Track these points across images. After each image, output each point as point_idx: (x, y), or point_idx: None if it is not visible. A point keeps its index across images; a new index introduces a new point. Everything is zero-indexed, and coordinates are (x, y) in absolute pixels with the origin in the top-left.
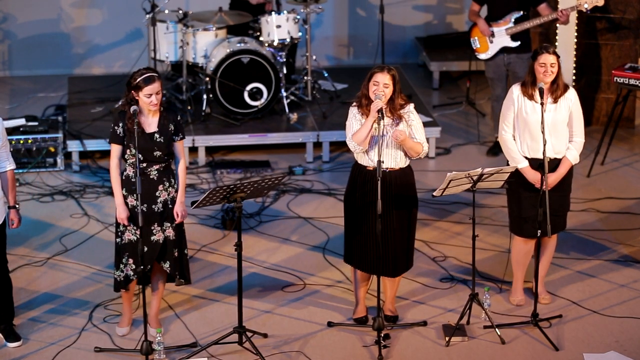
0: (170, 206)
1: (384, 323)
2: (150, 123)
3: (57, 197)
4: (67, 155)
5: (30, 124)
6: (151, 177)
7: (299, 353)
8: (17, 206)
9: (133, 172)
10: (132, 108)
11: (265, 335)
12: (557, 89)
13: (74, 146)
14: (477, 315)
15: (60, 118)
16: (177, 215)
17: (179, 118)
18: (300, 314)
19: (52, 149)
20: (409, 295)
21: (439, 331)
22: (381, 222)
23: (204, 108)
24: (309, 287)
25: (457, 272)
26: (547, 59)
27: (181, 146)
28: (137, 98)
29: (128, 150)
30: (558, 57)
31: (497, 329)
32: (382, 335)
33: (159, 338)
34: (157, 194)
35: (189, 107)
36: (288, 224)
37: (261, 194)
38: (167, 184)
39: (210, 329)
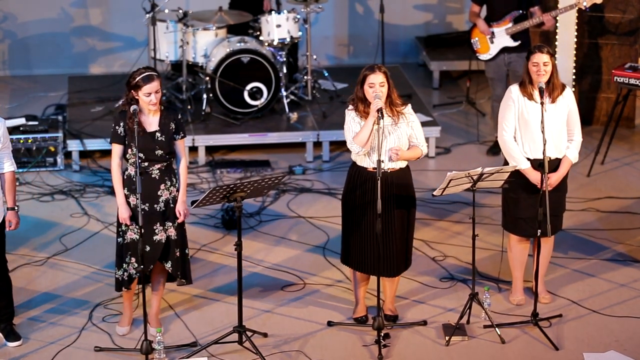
0: (172, 205)
1: (384, 322)
2: (151, 122)
3: (57, 197)
4: (67, 155)
5: (30, 123)
6: (153, 176)
7: (299, 352)
8: (16, 208)
9: (135, 171)
10: (132, 107)
11: (265, 335)
12: (553, 88)
13: (74, 146)
14: (477, 315)
15: (60, 117)
16: (180, 214)
17: (179, 117)
18: (300, 314)
19: (52, 149)
20: (409, 295)
21: (439, 331)
22: (381, 222)
23: (204, 107)
24: (309, 286)
25: (457, 272)
26: (539, 58)
27: (182, 145)
28: (136, 97)
29: (129, 150)
30: (552, 56)
31: (497, 329)
32: (382, 334)
33: (159, 337)
34: (159, 193)
35: (189, 107)
36: (288, 223)
37: (261, 194)
38: (168, 183)
39: (210, 328)
